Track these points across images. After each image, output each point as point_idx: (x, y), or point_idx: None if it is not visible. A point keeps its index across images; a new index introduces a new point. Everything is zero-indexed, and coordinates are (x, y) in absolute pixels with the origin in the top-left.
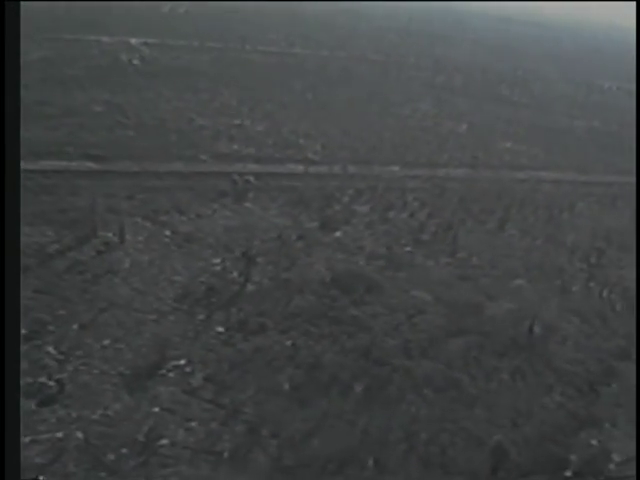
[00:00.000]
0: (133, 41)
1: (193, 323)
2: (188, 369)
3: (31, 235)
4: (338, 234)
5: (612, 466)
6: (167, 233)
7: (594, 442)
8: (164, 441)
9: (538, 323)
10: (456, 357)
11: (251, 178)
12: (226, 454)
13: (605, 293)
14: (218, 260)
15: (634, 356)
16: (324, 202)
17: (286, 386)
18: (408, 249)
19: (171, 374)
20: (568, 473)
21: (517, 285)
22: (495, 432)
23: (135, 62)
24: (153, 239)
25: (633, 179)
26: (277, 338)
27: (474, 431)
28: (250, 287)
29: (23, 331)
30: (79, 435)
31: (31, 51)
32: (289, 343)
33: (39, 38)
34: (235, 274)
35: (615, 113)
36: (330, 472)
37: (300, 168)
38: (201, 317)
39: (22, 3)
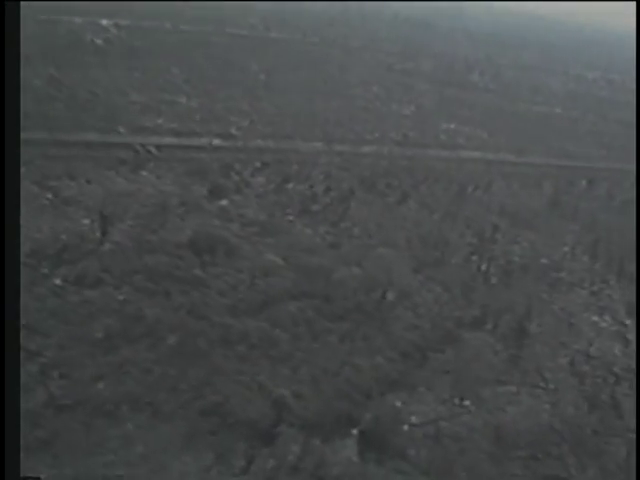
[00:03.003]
0: (104, 22)
1: (33, 276)
2: None
3: None
4: (224, 202)
5: (405, 427)
6: (48, 196)
7: (398, 404)
8: None
9: (395, 291)
10: (286, 318)
11: (152, 149)
12: None
13: (484, 266)
14: (87, 221)
15: (487, 326)
16: (223, 173)
17: (99, 335)
18: (290, 218)
19: None
20: (354, 431)
21: (387, 254)
22: (289, 388)
23: (97, 42)
24: (32, 201)
25: (570, 162)
26: (110, 292)
27: (268, 386)
28: (107, 246)
29: None
30: None
31: None
32: (120, 297)
33: None
34: (98, 235)
35: (584, 101)
36: (103, 412)
37: (216, 142)
38: (44, 271)
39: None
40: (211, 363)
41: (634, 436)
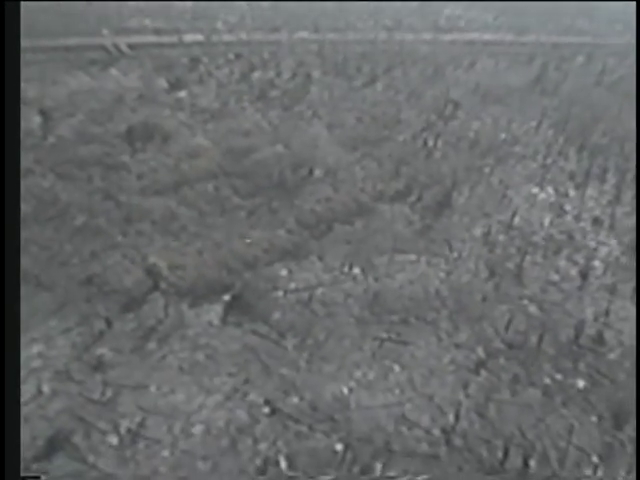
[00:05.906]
0: None
1: None
2: None
3: None
4: (182, 94)
5: (279, 293)
6: None
7: (283, 273)
8: None
9: (322, 168)
10: (197, 197)
11: (126, 48)
12: None
13: (431, 141)
14: (39, 119)
15: (410, 199)
16: (191, 67)
17: None
18: (245, 104)
19: None
20: (226, 297)
21: (329, 134)
22: (172, 259)
23: None
24: None
25: (574, 39)
26: (35, 181)
27: (152, 258)
28: (49, 140)
29: None
30: None
31: None
32: (44, 184)
33: None
34: (44, 130)
35: None
36: None
37: (198, 37)
38: None
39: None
40: (107, 239)
41: (527, 302)
